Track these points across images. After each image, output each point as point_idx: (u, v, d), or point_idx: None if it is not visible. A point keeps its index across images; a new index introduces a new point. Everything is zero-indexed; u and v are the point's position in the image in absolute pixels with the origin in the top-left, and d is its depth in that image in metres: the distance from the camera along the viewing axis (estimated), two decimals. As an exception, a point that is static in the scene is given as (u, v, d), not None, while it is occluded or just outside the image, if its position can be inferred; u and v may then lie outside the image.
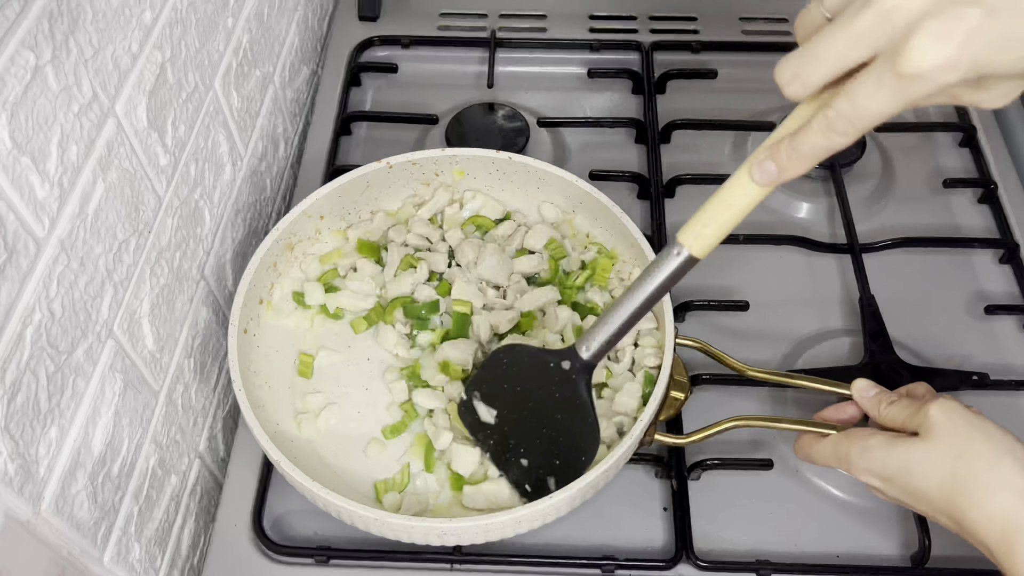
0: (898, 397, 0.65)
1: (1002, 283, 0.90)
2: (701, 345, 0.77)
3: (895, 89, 0.45)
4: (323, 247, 0.84)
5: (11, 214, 0.49)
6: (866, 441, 0.62)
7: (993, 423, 0.60)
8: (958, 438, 0.58)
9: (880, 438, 0.62)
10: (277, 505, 0.77)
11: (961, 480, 0.58)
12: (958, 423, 0.59)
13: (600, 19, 1.13)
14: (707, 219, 0.56)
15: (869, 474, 0.62)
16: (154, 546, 0.71)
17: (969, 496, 0.57)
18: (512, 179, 0.85)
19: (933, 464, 0.59)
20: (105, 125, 0.58)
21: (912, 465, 0.59)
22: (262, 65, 0.89)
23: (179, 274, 0.72)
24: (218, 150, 0.79)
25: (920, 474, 0.59)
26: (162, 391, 0.71)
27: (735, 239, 0.90)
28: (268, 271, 0.79)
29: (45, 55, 0.51)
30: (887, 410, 0.64)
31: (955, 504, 0.58)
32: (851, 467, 0.63)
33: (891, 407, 0.64)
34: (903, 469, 0.60)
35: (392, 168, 0.84)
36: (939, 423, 0.59)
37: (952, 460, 0.58)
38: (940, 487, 0.58)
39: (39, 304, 0.52)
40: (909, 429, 0.62)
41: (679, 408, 0.74)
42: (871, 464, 0.62)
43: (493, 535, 0.67)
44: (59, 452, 0.56)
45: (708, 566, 0.72)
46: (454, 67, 1.09)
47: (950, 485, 0.58)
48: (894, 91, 0.45)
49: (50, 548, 0.55)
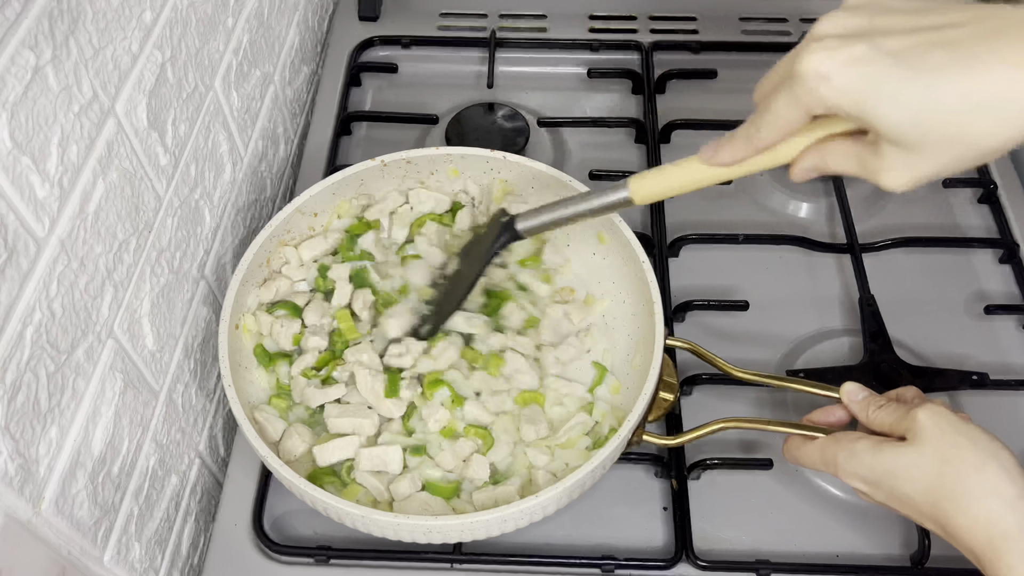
0: (887, 401, 0.65)
1: (1002, 283, 0.90)
2: (691, 346, 0.76)
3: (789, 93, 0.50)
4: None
5: (11, 214, 0.49)
6: (853, 445, 0.62)
7: (980, 429, 0.60)
8: (945, 444, 0.58)
9: (867, 442, 0.62)
10: (277, 505, 0.77)
11: (947, 486, 0.58)
12: (945, 429, 0.59)
13: (600, 19, 1.13)
14: (658, 178, 0.63)
15: (856, 478, 0.62)
16: (154, 546, 0.71)
17: (955, 502, 0.57)
18: (507, 178, 0.85)
19: (919, 469, 0.59)
20: (105, 125, 0.59)
21: (898, 470, 0.59)
22: (262, 65, 0.89)
23: (179, 274, 0.72)
24: (218, 150, 0.79)
25: (906, 479, 0.59)
26: (162, 391, 0.71)
27: (735, 239, 0.90)
28: (261, 268, 0.79)
29: (45, 55, 0.51)
30: (875, 414, 0.64)
31: (941, 509, 0.58)
32: (838, 470, 0.63)
33: (879, 411, 0.64)
34: (889, 474, 0.60)
35: (386, 166, 0.84)
36: (926, 428, 0.59)
37: (938, 465, 0.58)
38: (926, 492, 0.58)
39: (39, 304, 0.52)
40: (897, 433, 0.62)
41: (668, 409, 0.74)
42: (858, 468, 0.62)
43: (479, 532, 0.66)
44: (59, 452, 0.56)
45: (708, 566, 0.72)
46: (454, 67, 1.09)
47: (936, 490, 0.58)
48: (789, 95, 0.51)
49: (50, 548, 0.55)
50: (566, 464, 0.72)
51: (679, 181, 0.62)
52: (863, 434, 0.63)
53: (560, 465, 0.72)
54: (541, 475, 0.71)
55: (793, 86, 0.50)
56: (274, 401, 0.76)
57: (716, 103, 1.03)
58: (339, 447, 0.72)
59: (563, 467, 0.72)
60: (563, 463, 0.72)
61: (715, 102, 1.03)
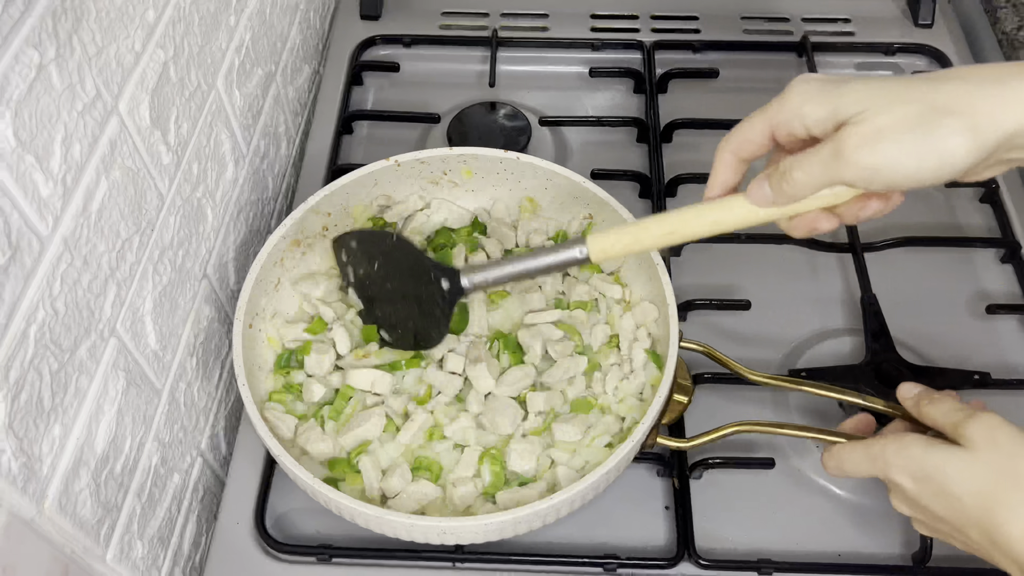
0: (940, 396, 0.64)
1: (1003, 282, 0.90)
2: (705, 349, 0.77)
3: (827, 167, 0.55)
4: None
5: (15, 212, 0.49)
6: (903, 438, 0.61)
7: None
8: (1002, 455, 0.58)
9: (918, 437, 0.61)
10: (279, 503, 0.77)
11: (1004, 493, 0.57)
12: (1001, 440, 0.58)
13: (602, 18, 1.13)
14: (619, 239, 0.65)
15: (904, 472, 0.61)
16: (157, 544, 0.71)
17: (1012, 510, 0.56)
18: (520, 179, 0.85)
19: (972, 472, 0.58)
20: (108, 123, 0.59)
21: (951, 468, 0.59)
22: (264, 64, 0.89)
23: (182, 272, 0.72)
24: (220, 148, 0.79)
25: (958, 479, 0.58)
26: (165, 389, 0.71)
27: (737, 238, 0.90)
28: (274, 267, 0.79)
29: (49, 53, 0.51)
30: (928, 408, 0.64)
31: (993, 515, 0.57)
32: (887, 465, 0.62)
33: (931, 405, 0.64)
34: (940, 470, 0.59)
35: (400, 166, 0.84)
36: (983, 437, 0.59)
37: (994, 474, 0.58)
38: (977, 495, 0.58)
39: (43, 302, 0.52)
40: (946, 431, 0.61)
41: (682, 411, 0.74)
42: (908, 462, 0.60)
43: (493, 535, 0.67)
44: (62, 450, 0.56)
45: (710, 565, 0.72)
46: (456, 66, 1.09)
47: (990, 495, 0.57)
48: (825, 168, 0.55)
49: (53, 546, 0.55)
50: (586, 461, 0.72)
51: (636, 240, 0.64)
52: (910, 431, 0.63)
53: (581, 462, 0.72)
54: (562, 472, 0.71)
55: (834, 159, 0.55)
56: (275, 396, 0.76)
57: (718, 102, 1.03)
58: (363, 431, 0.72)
59: (584, 464, 0.72)
60: (584, 460, 0.72)
61: (717, 101, 1.03)
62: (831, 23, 1.12)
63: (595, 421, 0.74)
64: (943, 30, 1.10)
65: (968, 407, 0.63)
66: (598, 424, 0.73)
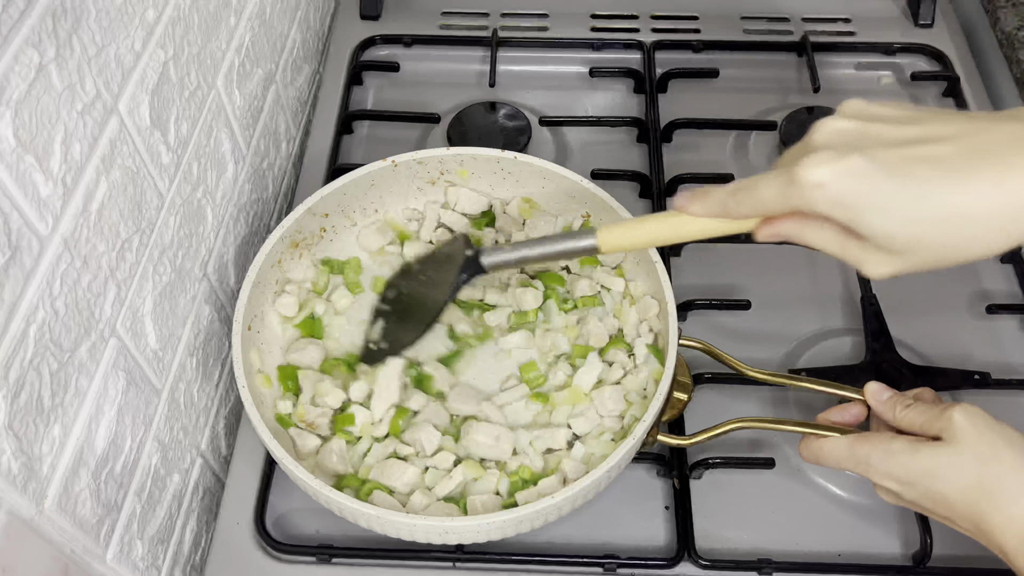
0: (913, 400, 0.65)
1: (1004, 282, 0.90)
2: (704, 346, 0.77)
3: (783, 189, 0.52)
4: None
5: (15, 212, 0.49)
6: (888, 445, 0.62)
7: (1014, 429, 0.60)
8: (983, 444, 0.59)
9: (903, 442, 0.61)
10: (279, 503, 0.77)
11: (986, 485, 0.58)
12: (982, 429, 0.59)
13: (602, 18, 1.13)
14: (627, 232, 0.64)
15: (890, 478, 0.62)
16: (156, 544, 0.71)
17: (993, 501, 0.57)
18: (518, 179, 0.85)
19: (957, 469, 0.59)
20: (108, 123, 0.59)
21: (936, 470, 0.59)
22: (264, 64, 0.89)
23: (181, 272, 0.72)
24: (220, 148, 0.79)
25: (944, 479, 0.59)
26: (164, 389, 0.71)
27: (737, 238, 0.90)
28: (272, 268, 0.79)
29: (49, 53, 0.51)
30: (904, 413, 0.64)
31: (978, 508, 0.58)
32: (870, 470, 0.62)
33: (908, 410, 0.64)
34: (927, 473, 0.60)
35: (397, 167, 0.84)
36: (964, 429, 0.59)
37: (977, 466, 0.58)
38: (964, 492, 0.58)
39: (43, 302, 0.52)
40: (928, 433, 0.62)
41: (682, 409, 0.74)
42: (893, 468, 0.61)
43: (494, 534, 0.67)
44: (62, 450, 0.56)
45: (710, 565, 0.72)
46: (456, 66, 1.09)
47: (974, 490, 0.58)
48: (781, 190, 0.53)
49: (53, 546, 0.55)
50: (592, 454, 0.72)
51: (644, 235, 0.64)
52: (896, 435, 0.63)
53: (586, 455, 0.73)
54: (569, 465, 0.71)
55: (788, 185, 0.52)
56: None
57: (718, 102, 1.03)
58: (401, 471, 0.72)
59: (590, 457, 0.72)
60: (589, 453, 0.72)
61: (717, 101, 1.03)
62: (831, 23, 1.12)
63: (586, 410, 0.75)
64: (943, 30, 1.10)
65: (941, 400, 0.64)
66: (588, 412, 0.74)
